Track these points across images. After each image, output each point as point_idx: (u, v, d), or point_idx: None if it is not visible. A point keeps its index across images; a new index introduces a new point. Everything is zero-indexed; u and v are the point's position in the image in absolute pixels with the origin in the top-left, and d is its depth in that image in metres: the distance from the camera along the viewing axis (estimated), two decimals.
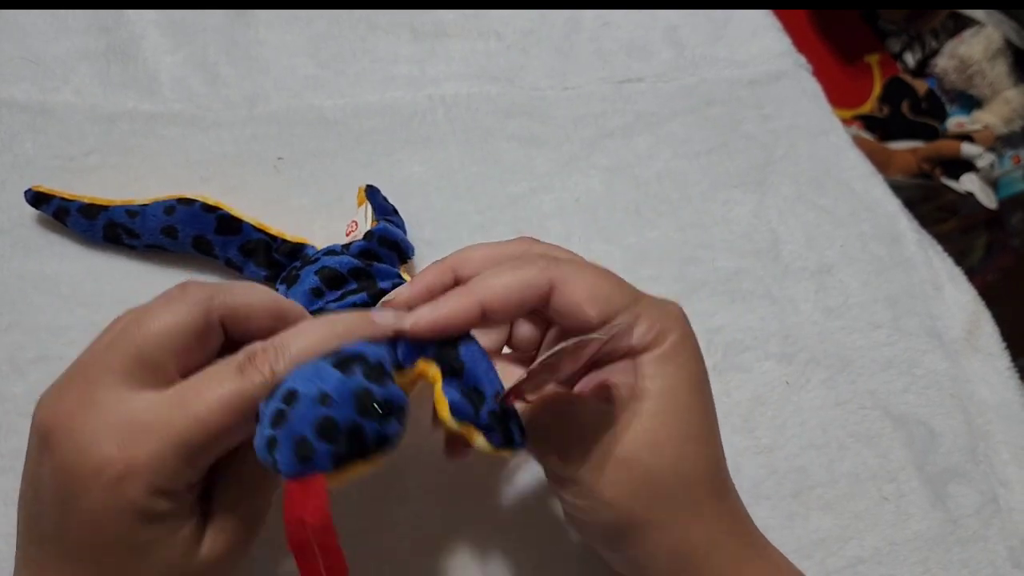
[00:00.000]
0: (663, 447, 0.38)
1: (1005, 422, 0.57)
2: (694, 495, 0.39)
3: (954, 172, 1.38)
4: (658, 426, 0.38)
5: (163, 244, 0.51)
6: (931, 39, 1.49)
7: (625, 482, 0.38)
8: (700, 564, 0.39)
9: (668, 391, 0.39)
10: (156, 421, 0.32)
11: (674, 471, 0.38)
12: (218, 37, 0.62)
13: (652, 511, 0.38)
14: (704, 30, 0.71)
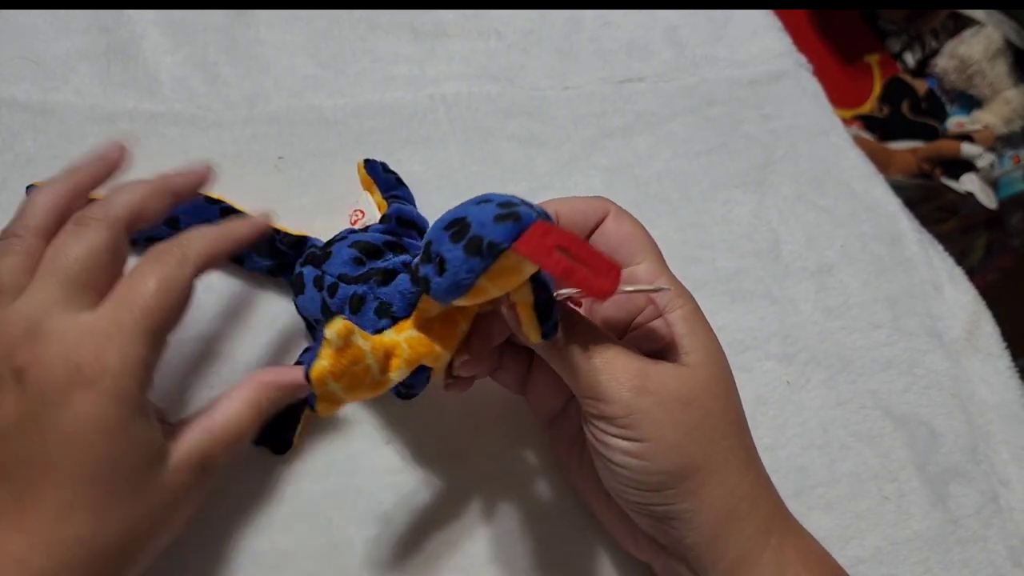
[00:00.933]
0: (717, 394, 0.40)
1: (1005, 422, 0.57)
2: (741, 442, 0.41)
3: (954, 172, 1.38)
4: (710, 375, 0.40)
5: (164, 235, 0.49)
6: (931, 39, 1.49)
7: (687, 424, 0.39)
8: (749, 511, 0.40)
9: (708, 345, 0.41)
10: (111, 325, 0.35)
11: (726, 417, 0.40)
12: (218, 37, 0.62)
13: (710, 456, 0.39)
14: (704, 30, 0.71)
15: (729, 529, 0.40)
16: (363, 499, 0.48)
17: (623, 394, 0.38)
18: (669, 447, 0.39)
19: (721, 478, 0.39)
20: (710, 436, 0.39)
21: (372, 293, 0.44)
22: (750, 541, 0.40)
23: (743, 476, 0.40)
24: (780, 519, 0.41)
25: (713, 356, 0.41)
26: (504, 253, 0.33)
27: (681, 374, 0.40)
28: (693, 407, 0.39)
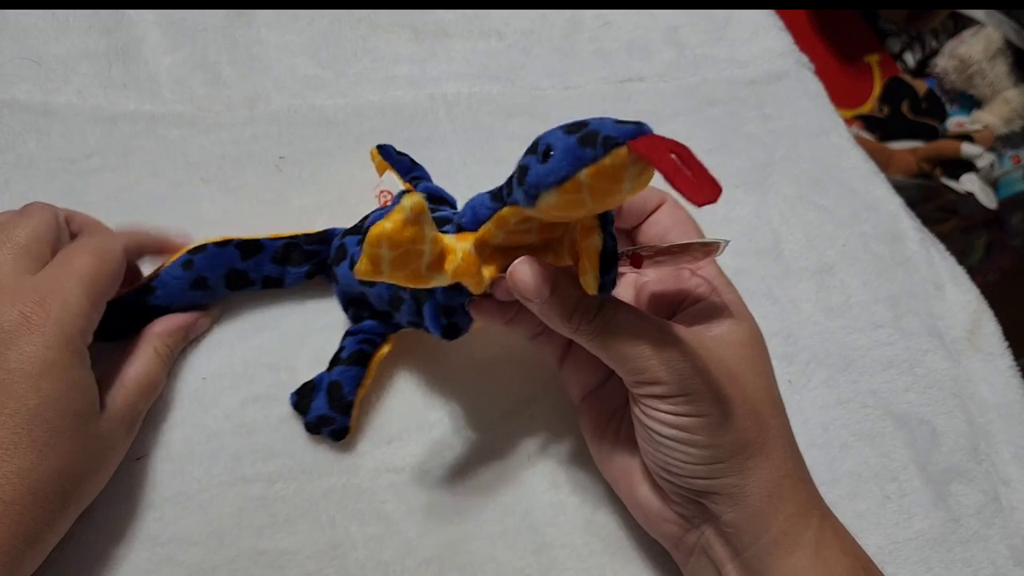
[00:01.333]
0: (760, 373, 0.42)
1: (1006, 421, 0.57)
2: (785, 423, 0.42)
3: (954, 172, 1.38)
4: (753, 356, 0.42)
5: (196, 300, 0.50)
6: (931, 39, 1.49)
7: (739, 400, 0.40)
8: (792, 490, 0.41)
9: (751, 331, 0.43)
10: (54, 281, 0.41)
11: (771, 395, 0.42)
12: (218, 37, 0.62)
13: (761, 432, 0.40)
14: (705, 30, 0.71)
15: (773, 507, 0.40)
16: (365, 498, 0.48)
17: (676, 373, 0.39)
18: (723, 421, 0.39)
19: (768, 454, 0.40)
20: (759, 411, 0.40)
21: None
22: (790, 520, 0.40)
23: (787, 455, 0.41)
24: (818, 502, 0.42)
25: (756, 340, 0.43)
26: (617, 150, 0.34)
27: (733, 350, 0.41)
28: (740, 384, 0.40)
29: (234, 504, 0.47)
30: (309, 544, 0.46)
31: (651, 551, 0.49)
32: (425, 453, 0.50)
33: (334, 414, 0.48)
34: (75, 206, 0.53)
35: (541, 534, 0.49)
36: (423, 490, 0.49)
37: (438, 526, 0.48)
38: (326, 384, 0.49)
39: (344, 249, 0.49)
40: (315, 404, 0.49)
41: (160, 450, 0.48)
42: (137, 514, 0.46)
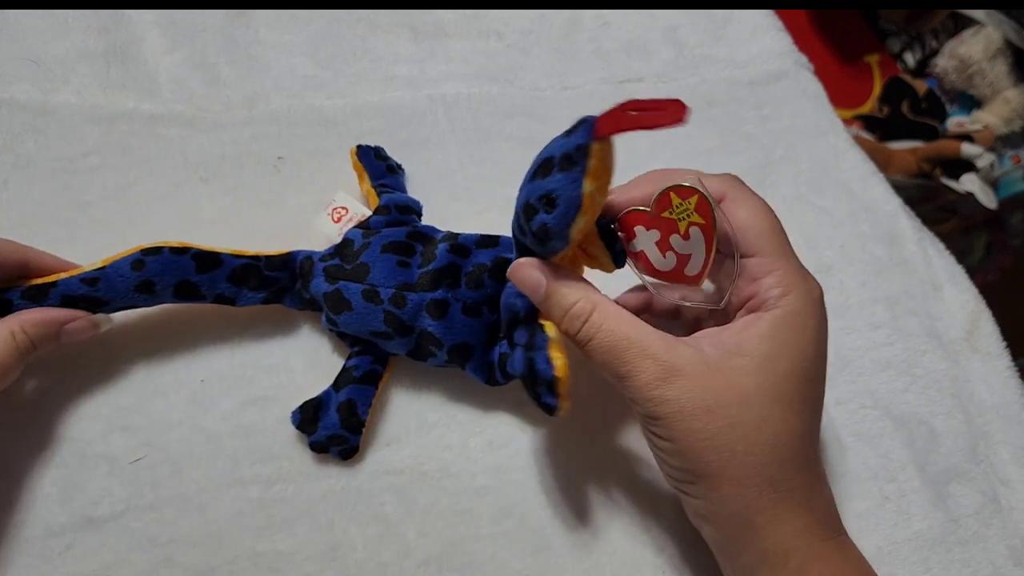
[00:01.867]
0: (752, 405, 0.40)
1: (1005, 422, 0.57)
2: (774, 458, 0.40)
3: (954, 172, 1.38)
4: (752, 386, 0.40)
5: (138, 304, 0.47)
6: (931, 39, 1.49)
7: (707, 434, 0.39)
8: (765, 527, 0.40)
9: (771, 356, 0.41)
10: None
11: (757, 430, 0.40)
12: (217, 37, 0.62)
13: (726, 466, 0.40)
14: (704, 30, 0.71)
15: (743, 536, 0.40)
16: (364, 500, 0.48)
17: (644, 400, 0.40)
18: (682, 449, 0.40)
19: (736, 489, 0.40)
20: (730, 447, 0.39)
21: (451, 296, 0.47)
22: (764, 555, 0.40)
23: (761, 492, 0.40)
24: (811, 543, 0.40)
25: (771, 367, 0.40)
26: (591, 147, 0.37)
27: (714, 380, 0.40)
28: (716, 416, 0.39)
29: (233, 506, 0.47)
30: (308, 545, 0.46)
31: (649, 552, 0.49)
32: (424, 455, 0.50)
33: (346, 433, 0.48)
34: (73, 205, 0.54)
35: (540, 535, 0.49)
36: (422, 492, 0.49)
37: (437, 527, 0.48)
38: (337, 403, 0.48)
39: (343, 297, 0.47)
40: (324, 423, 0.48)
41: (158, 452, 0.48)
42: (135, 515, 0.46)
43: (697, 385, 0.39)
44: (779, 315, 0.41)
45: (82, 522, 0.46)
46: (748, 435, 0.39)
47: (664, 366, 0.40)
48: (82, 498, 0.46)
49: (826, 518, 0.42)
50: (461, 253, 0.48)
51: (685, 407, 0.39)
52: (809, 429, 0.42)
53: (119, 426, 0.48)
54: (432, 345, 0.47)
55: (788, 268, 0.43)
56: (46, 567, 0.45)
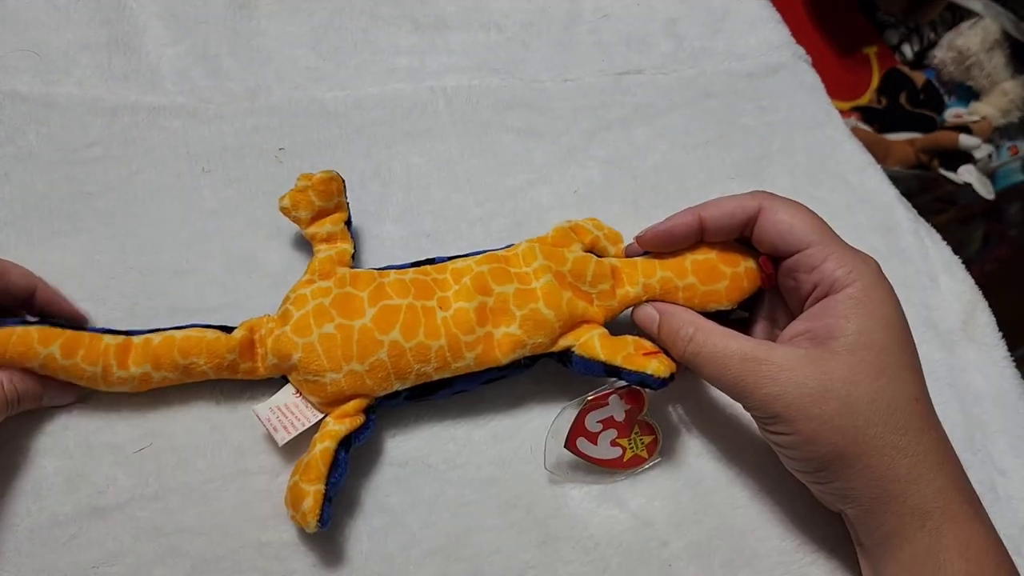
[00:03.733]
0: (859, 382, 0.42)
1: (1001, 411, 0.58)
2: (894, 426, 0.42)
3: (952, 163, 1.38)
4: (854, 362, 0.42)
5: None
6: (929, 31, 1.49)
7: (825, 417, 0.41)
8: (902, 493, 0.41)
9: (862, 330, 0.43)
10: None
11: (871, 403, 0.42)
12: (220, 29, 0.62)
13: (853, 444, 0.41)
14: (703, 22, 0.71)
15: (882, 507, 0.42)
16: (368, 491, 0.49)
17: (758, 400, 0.43)
18: (809, 439, 0.42)
19: (868, 462, 0.41)
20: (852, 424, 0.41)
21: None
22: (902, 520, 0.42)
23: (892, 460, 0.41)
24: (946, 504, 0.42)
25: (866, 341, 0.43)
26: None
27: (815, 368, 0.42)
28: (829, 399, 0.41)
29: (238, 496, 0.47)
30: (313, 537, 0.47)
31: (655, 545, 0.49)
32: (428, 446, 0.50)
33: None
34: (76, 197, 0.54)
35: (545, 527, 0.49)
36: (426, 483, 0.49)
37: (442, 519, 0.49)
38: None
39: None
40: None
41: (163, 441, 0.48)
42: (140, 505, 0.47)
43: (801, 376, 0.42)
44: (853, 292, 0.44)
45: (87, 511, 0.46)
46: (863, 409, 0.41)
47: (768, 363, 0.42)
48: (87, 487, 0.47)
49: (957, 480, 0.43)
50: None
51: (795, 399, 0.41)
52: (920, 393, 0.43)
53: (124, 415, 0.48)
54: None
55: (842, 250, 0.45)
56: (51, 556, 0.45)
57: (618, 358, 0.47)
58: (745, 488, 0.52)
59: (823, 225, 0.46)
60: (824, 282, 0.45)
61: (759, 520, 0.51)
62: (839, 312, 0.43)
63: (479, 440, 0.51)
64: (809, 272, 0.45)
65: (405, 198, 0.58)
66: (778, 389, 0.42)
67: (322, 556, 0.47)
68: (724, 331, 0.46)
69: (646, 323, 0.50)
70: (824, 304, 0.44)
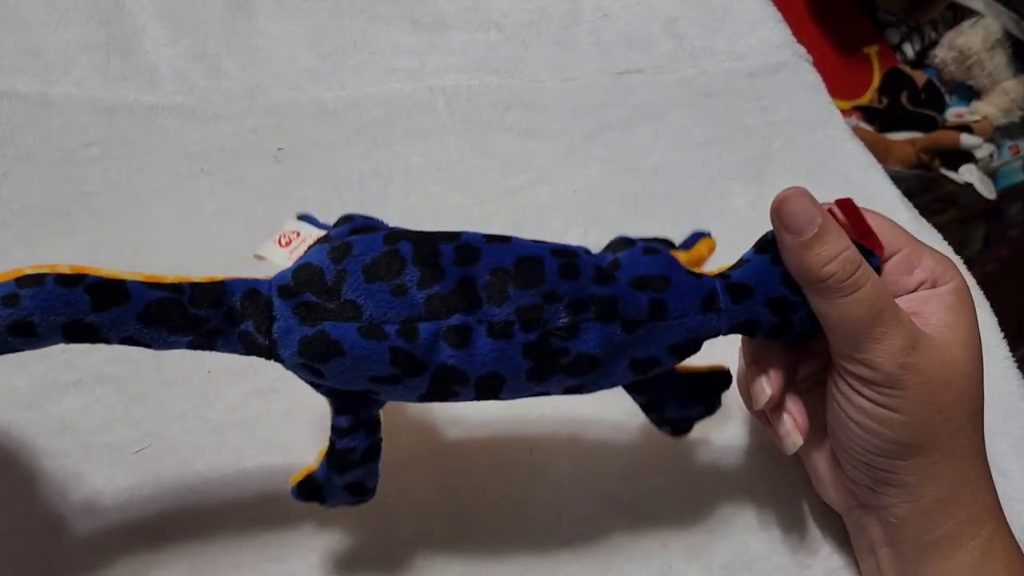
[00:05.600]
0: (972, 378, 0.41)
1: (1003, 412, 0.57)
2: (978, 427, 0.41)
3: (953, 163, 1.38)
4: (967, 358, 0.41)
5: (16, 347, 0.35)
6: (930, 30, 1.48)
7: (940, 404, 0.40)
8: (970, 497, 0.41)
9: (970, 326, 0.42)
10: None
11: (973, 402, 0.41)
12: (218, 29, 0.62)
13: (952, 438, 0.40)
14: (703, 21, 0.71)
15: (945, 510, 0.41)
16: None
17: (892, 367, 0.39)
18: (919, 423, 0.40)
19: (954, 461, 0.41)
20: (958, 419, 0.40)
21: (472, 319, 0.37)
22: (960, 527, 0.41)
23: (971, 463, 0.41)
24: (994, 513, 0.42)
25: (974, 338, 0.42)
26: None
27: (947, 354, 0.40)
28: (951, 389, 0.40)
29: (236, 497, 0.47)
30: (312, 538, 0.47)
31: (655, 546, 0.49)
32: (426, 449, 0.50)
33: (358, 499, 0.43)
34: (74, 197, 0.54)
35: (544, 529, 0.49)
36: (423, 486, 0.49)
37: (439, 522, 0.48)
38: (342, 484, 0.41)
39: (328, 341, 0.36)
40: (331, 500, 0.42)
41: (162, 442, 0.48)
42: (139, 506, 0.46)
43: (940, 357, 0.40)
44: (955, 288, 0.42)
45: (84, 513, 0.46)
46: (967, 407, 0.41)
47: (914, 336, 0.39)
48: (84, 489, 0.47)
49: (994, 491, 0.43)
50: (469, 260, 0.37)
51: (932, 377, 0.39)
52: (981, 403, 0.43)
53: (122, 416, 0.48)
54: (455, 383, 0.38)
55: (929, 252, 0.44)
56: (47, 558, 0.45)
57: None
58: (746, 490, 0.51)
59: (903, 229, 0.44)
60: (929, 279, 0.42)
61: (760, 521, 0.51)
62: (949, 304, 0.42)
63: (478, 441, 0.51)
64: (907, 273, 0.43)
65: (404, 198, 0.58)
66: (922, 363, 0.39)
67: (321, 557, 0.47)
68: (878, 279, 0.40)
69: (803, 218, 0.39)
70: (928, 295, 0.42)
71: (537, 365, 0.37)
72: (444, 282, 0.37)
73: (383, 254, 0.37)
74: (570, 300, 0.37)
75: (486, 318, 0.37)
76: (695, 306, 0.39)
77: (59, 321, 0.34)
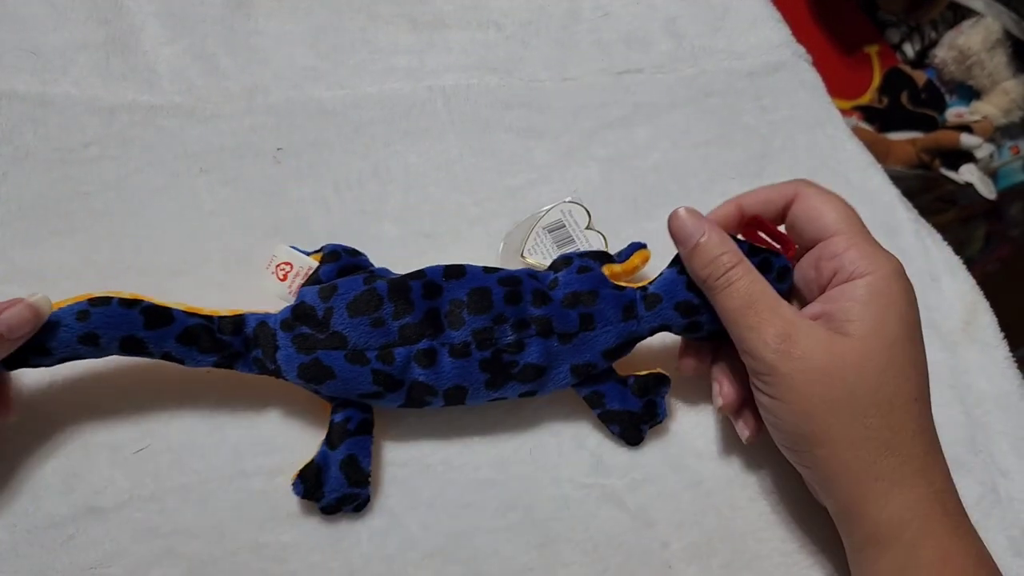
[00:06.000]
0: (867, 370, 0.41)
1: (1003, 412, 0.57)
2: (888, 423, 0.41)
3: (953, 163, 1.38)
4: (864, 350, 0.41)
5: (82, 354, 0.44)
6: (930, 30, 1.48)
7: (824, 396, 0.40)
8: (883, 495, 0.40)
9: (877, 318, 0.42)
10: None
11: (873, 394, 0.41)
12: (217, 28, 0.62)
13: (845, 431, 0.41)
14: (703, 21, 0.71)
15: (859, 508, 0.41)
16: None
17: (767, 354, 0.41)
18: (802, 412, 0.41)
19: (854, 455, 0.40)
20: (849, 412, 0.40)
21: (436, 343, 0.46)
22: (878, 527, 0.41)
23: (880, 457, 0.40)
24: (927, 516, 0.41)
25: (880, 331, 0.42)
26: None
27: (833, 345, 0.41)
28: (835, 380, 0.40)
29: (235, 497, 0.47)
30: (312, 537, 0.47)
31: (656, 546, 0.49)
32: (428, 447, 0.50)
33: (355, 490, 0.47)
34: (73, 196, 0.54)
35: (544, 529, 0.49)
36: (426, 484, 0.49)
37: (441, 520, 0.48)
38: (337, 461, 0.46)
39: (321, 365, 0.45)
40: (329, 485, 0.46)
41: (161, 442, 0.48)
42: (138, 506, 0.46)
43: (818, 348, 0.41)
44: (872, 280, 0.43)
45: (84, 512, 0.46)
46: (864, 398, 0.41)
47: (791, 325, 0.41)
48: (84, 488, 0.47)
49: (943, 492, 0.42)
50: (432, 294, 0.47)
51: (808, 367, 0.40)
52: (920, 394, 0.43)
53: (122, 416, 0.48)
54: (427, 395, 0.46)
55: (868, 243, 0.45)
56: (48, 557, 0.45)
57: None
58: (745, 489, 0.51)
59: (855, 218, 0.46)
60: (844, 269, 0.44)
61: (760, 522, 0.50)
62: (857, 296, 0.43)
63: (478, 441, 0.51)
64: (831, 259, 0.45)
65: (404, 198, 0.58)
66: (797, 352, 0.41)
67: (321, 557, 0.46)
68: (754, 275, 0.44)
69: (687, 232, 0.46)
70: (842, 288, 0.44)
71: (493, 376, 0.46)
72: (414, 313, 0.46)
73: (363, 292, 0.46)
74: (514, 321, 0.46)
75: (448, 341, 0.46)
76: (618, 315, 0.47)
77: (117, 335, 0.43)
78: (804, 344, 0.41)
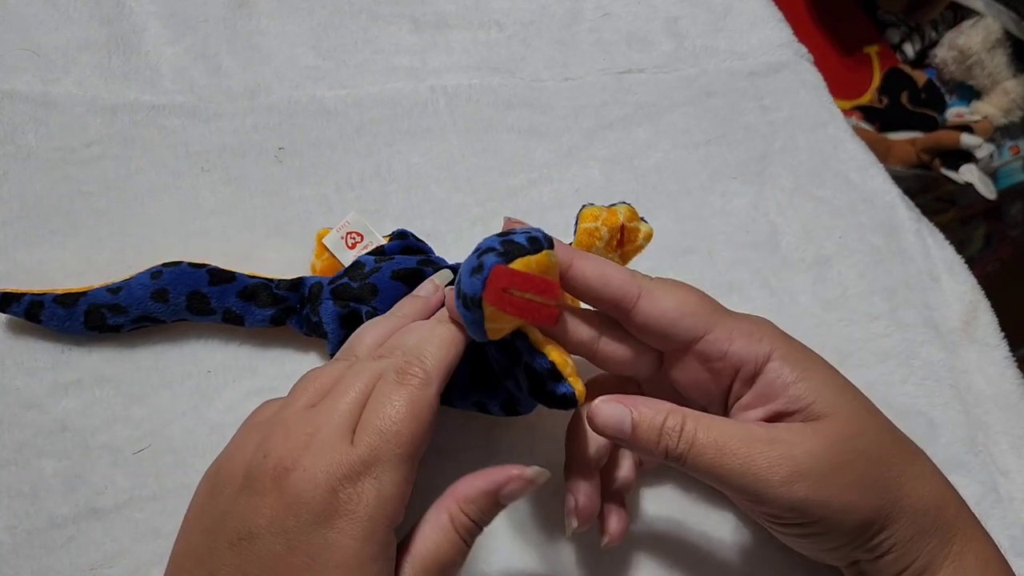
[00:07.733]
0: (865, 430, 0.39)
1: (1003, 412, 0.57)
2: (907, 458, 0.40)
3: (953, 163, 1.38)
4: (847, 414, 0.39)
5: (153, 313, 0.49)
6: (930, 30, 1.49)
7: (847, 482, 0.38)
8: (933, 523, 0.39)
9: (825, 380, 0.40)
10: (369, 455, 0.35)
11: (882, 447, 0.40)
12: (219, 28, 0.62)
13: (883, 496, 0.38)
14: (704, 21, 0.71)
15: (916, 546, 0.39)
16: None
17: (779, 492, 0.37)
18: (843, 514, 0.38)
19: (901, 508, 0.39)
20: (874, 478, 0.38)
21: None
22: (932, 552, 0.39)
23: (920, 492, 0.39)
24: (960, 522, 0.40)
25: (837, 386, 0.40)
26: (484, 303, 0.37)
27: (820, 437, 0.38)
28: (852, 460, 0.38)
29: None
30: None
31: (656, 550, 0.49)
32: (428, 448, 0.50)
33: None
34: (75, 196, 0.54)
35: (544, 528, 0.49)
36: (423, 486, 0.49)
37: None
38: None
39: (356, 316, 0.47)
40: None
41: (162, 442, 0.48)
42: (140, 506, 0.46)
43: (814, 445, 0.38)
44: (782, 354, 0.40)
45: (85, 513, 0.46)
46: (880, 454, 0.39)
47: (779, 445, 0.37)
48: (85, 489, 0.47)
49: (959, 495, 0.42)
50: None
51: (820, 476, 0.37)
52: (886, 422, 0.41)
53: (123, 416, 0.48)
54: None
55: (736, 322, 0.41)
56: (49, 558, 0.45)
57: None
58: None
59: (708, 300, 0.42)
60: (747, 361, 0.40)
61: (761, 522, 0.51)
62: (788, 378, 0.39)
63: (477, 440, 0.51)
64: (722, 358, 0.40)
65: (405, 197, 0.58)
66: (798, 466, 0.37)
67: None
68: (715, 418, 0.39)
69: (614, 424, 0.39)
70: (765, 380, 0.40)
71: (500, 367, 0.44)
72: None
73: (412, 268, 0.48)
74: None
75: None
76: None
77: (185, 290, 0.49)
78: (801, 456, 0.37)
